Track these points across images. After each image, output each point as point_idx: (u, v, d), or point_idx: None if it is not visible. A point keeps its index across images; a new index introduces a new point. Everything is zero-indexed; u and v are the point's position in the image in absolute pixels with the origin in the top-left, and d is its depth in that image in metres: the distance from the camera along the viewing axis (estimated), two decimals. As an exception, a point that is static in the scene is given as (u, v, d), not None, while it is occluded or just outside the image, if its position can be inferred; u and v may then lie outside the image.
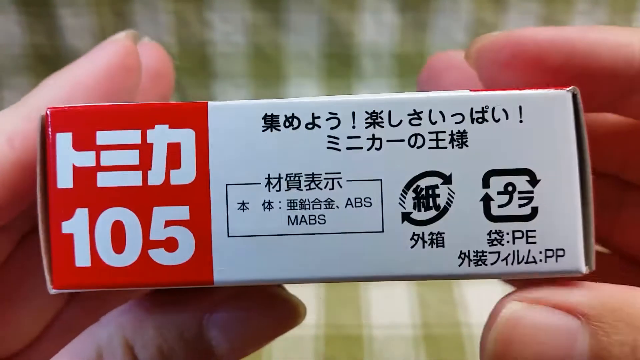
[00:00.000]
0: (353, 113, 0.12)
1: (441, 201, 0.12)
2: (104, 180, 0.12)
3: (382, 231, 0.12)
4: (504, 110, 0.12)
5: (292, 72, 0.36)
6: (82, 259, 0.12)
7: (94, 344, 0.13)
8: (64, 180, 0.12)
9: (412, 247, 0.12)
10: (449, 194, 0.12)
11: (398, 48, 0.35)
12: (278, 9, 0.34)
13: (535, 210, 0.12)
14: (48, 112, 0.12)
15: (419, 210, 0.12)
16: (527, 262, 0.12)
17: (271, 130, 0.12)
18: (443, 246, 0.12)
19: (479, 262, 0.12)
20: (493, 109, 0.12)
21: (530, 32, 0.14)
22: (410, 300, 0.31)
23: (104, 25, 0.34)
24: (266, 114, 0.12)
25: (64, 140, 0.12)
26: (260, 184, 0.12)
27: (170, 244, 0.12)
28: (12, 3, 0.33)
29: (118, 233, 0.12)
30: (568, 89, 0.12)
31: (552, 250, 0.12)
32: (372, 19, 0.34)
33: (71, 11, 0.33)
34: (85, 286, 0.12)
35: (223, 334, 0.14)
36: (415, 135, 0.12)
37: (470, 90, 0.12)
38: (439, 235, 0.12)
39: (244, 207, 0.12)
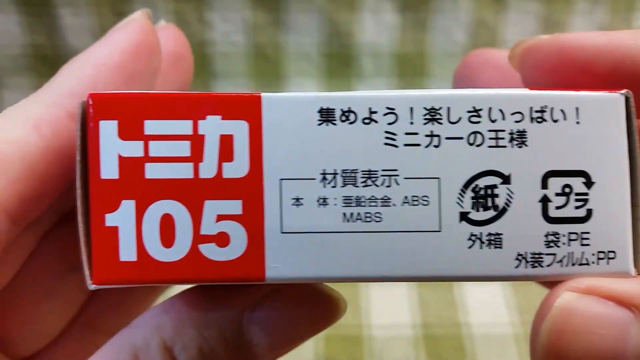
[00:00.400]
0: (411, 109, 0.12)
1: (500, 201, 0.12)
2: (152, 171, 0.12)
3: (439, 230, 0.12)
4: (561, 110, 0.12)
5: (292, 72, 0.35)
6: (127, 253, 0.12)
7: (130, 347, 0.13)
8: (109, 170, 0.12)
9: (469, 247, 0.12)
10: (507, 194, 0.12)
11: (398, 48, 0.35)
12: (278, 9, 0.34)
13: (589, 212, 0.12)
14: (90, 99, 0.12)
15: (478, 210, 0.12)
16: (580, 264, 0.12)
17: (327, 125, 0.12)
18: (501, 247, 0.12)
19: (535, 264, 0.12)
20: (552, 109, 0.12)
21: (578, 37, 0.14)
22: (410, 300, 0.31)
23: (104, 25, 0.34)
24: (322, 107, 0.12)
25: (108, 129, 0.12)
26: (315, 179, 0.12)
27: (222, 239, 0.12)
28: (12, 3, 0.33)
29: (167, 227, 0.12)
30: (621, 92, 0.12)
31: (604, 252, 0.12)
32: (372, 19, 0.34)
33: (71, 11, 0.33)
34: (129, 281, 0.12)
35: (264, 332, 0.13)
36: (475, 133, 0.12)
37: (530, 89, 0.12)
38: (497, 236, 0.12)
39: (298, 203, 0.12)
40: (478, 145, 0.12)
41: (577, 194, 0.12)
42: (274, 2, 0.34)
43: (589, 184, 0.12)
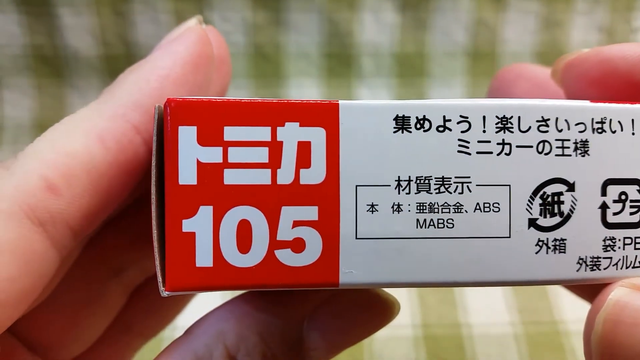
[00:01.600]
0: (484, 117, 0.12)
1: (565, 208, 0.12)
2: (231, 177, 0.12)
3: (509, 236, 0.12)
4: (619, 122, 0.13)
5: (292, 71, 0.35)
6: (204, 259, 0.12)
7: (192, 356, 0.13)
8: (187, 176, 0.12)
9: (536, 252, 0.12)
10: (572, 201, 0.12)
11: (398, 48, 0.35)
12: (278, 9, 0.34)
13: None
14: (168, 104, 0.12)
15: (545, 217, 0.12)
16: (634, 267, 0.13)
17: (402, 132, 0.12)
18: (564, 252, 0.12)
19: (594, 267, 0.13)
20: (610, 120, 0.13)
21: (620, 49, 0.15)
22: (410, 300, 0.32)
23: (104, 25, 0.33)
24: (397, 115, 0.12)
25: (187, 134, 0.12)
26: (390, 185, 0.12)
27: (298, 245, 0.12)
28: (12, 3, 0.32)
29: (244, 232, 0.12)
30: None
31: None
32: (372, 19, 0.34)
33: (71, 11, 0.32)
34: (205, 288, 0.12)
35: (322, 337, 0.14)
36: (543, 142, 0.12)
37: (591, 101, 0.13)
38: (561, 242, 0.12)
39: (373, 209, 0.12)
40: (546, 154, 0.12)
41: (632, 201, 0.13)
42: (274, 2, 0.34)
43: None
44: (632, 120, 0.13)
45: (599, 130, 0.13)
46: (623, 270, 0.13)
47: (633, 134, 0.13)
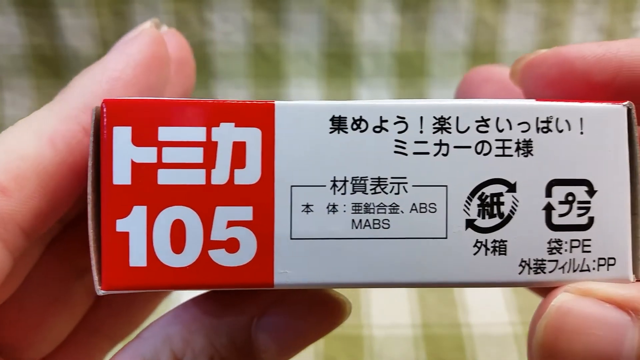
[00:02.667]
0: (421, 118, 0.12)
1: (505, 209, 0.12)
2: (165, 177, 0.12)
3: (446, 237, 0.12)
4: (566, 121, 0.12)
5: (292, 71, 0.35)
6: (138, 258, 0.12)
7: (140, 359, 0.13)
8: (121, 176, 0.12)
9: (474, 254, 0.12)
10: (513, 202, 0.12)
11: (398, 48, 0.35)
12: (278, 9, 0.34)
13: (591, 220, 0.12)
14: (104, 105, 0.12)
15: (483, 218, 0.12)
16: (581, 270, 0.12)
17: (338, 132, 0.12)
18: (505, 254, 0.12)
19: (538, 270, 0.12)
20: (557, 119, 0.12)
21: (577, 49, 0.14)
22: (410, 300, 0.31)
23: (104, 26, 0.34)
24: (334, 115, 0.12)
25: (122, 135, 0.12)
26: (325, 186, 0.12)
27: (232, 245, 0.12)
28: (12, 3, 0.33)
29: (178, 232, 0.12)
30: (624, 103, 0.12)
31: (604, 259, 0.12)
32: (372, 19, 0.34)
33: (71, 11, 0.33)
34: (139, 287, 0.12)
35: (272, 338, 0.14)
36: (483, 142, 0.12)
37: (536, 100, 0.12)
38: (501, 243, 0.12)
39: (308, 210, 0.12)
40: (485, 154, 0.12)
41: (579, 202, 0.12)
42: (274, 2, 0.34)
43: (591, 192, 0.12)
44: (581, 119, 0.12)
45: (544, 130, 0.12)
46: (570, 274, 0.12)
47: (582, 133, 0.12)
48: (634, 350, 0.12)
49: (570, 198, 0.12)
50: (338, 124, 0.12)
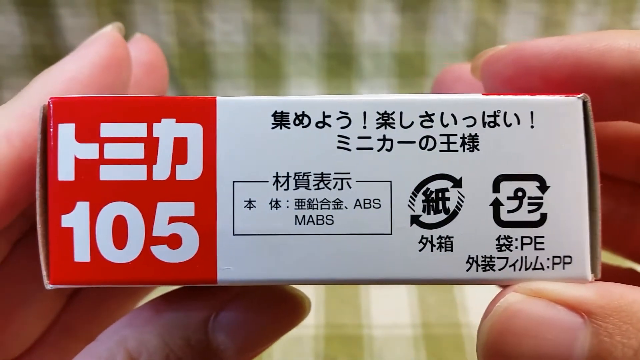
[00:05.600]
0: (364, 113, 0.12)
1: (451, 205, 0.12)
2: (106, 173, 0.12)
3: (391, 233, 0.12)
4: (515, 115, 0.12)
5: (292, 72, 0.35)
6: (82, 254, 0.12)
7: None
8: (65, 172, 0.12)
9: (420, 250, 0.12)
10: (458, 197, 0.12)
11: (398, 48, 0.35)
12: (278, 9, 0.34)
13: (544, 217, 0.12)
14: (50, 102, 0.12)
15: (428, 214, 0.12)
16: (534, 269, 0.12)
17: (281, 128, 0.12)
18: (452, 250, 0.12)
19: (487, 268, 0.12)
20: (505, 113, 0.12)
21: (535, 45, 0.14)
22: (410, 300, 0.32)
23: (104, 25, 0.34)
24: (276, 111, 0.12)
25: (66, 132, 0.12)
26: (268, 182, 0.12)
27: (174, 241, 0.12)
28: (12, 3, 0.33)
29: (120, 228, 0.12)
30: (579, 96, 0.12)
31: (559, 257, 0.12)
32: (372, 19, 0.34)
33: (71, 11, 0.33)
34: (83, 282, 0.12)
35: (229, 336, 0.13)
36: (427, 137, 0.12)
37: (482, 94, 0.12)
38: (447, 239, 0.12)
39: (251, 205, 0.12)
40: (430, 150, 0.12)
41: (530, 198, 0.12)
42: (274, 2, 0.34)
43: (543, 188, 0.12)
44: (532, 112, 0.12)
45: (491, 124, 0.12)
46: (523, 272, 0.12)
47: (532, 127, 0.12)
48: (584, 353, 0.11)
49: (519, 194, 0.12)
50: (280, 119, 0.12)
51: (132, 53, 0.15)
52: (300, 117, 0.12)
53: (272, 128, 0.12)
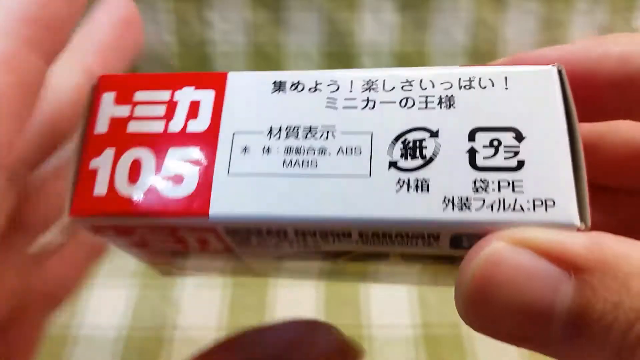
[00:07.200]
0: (351, 81, 0.14)
1: (428, 152, 0.13)
2: (132, 127, 0.14)
3: (370, 175, 0.13)
4: (490, 79, 0.13)
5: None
6: (100, 188, 0.14)
7: None
8: (101, 127, 0.14)
9: (397, 191, 0.13)
10: (435, 146, 0.13)
11: (398, 47, 0.35)
12: (278, 8, 0.34)
13: (521, 163, 0.12)
14: (99, 79, 0.15)
15: (406, 159, 0.13)
16: (514, 210, 0.12)
17: (279, 92, 0.14)
18: (428, 191, 0.12)
19: (463, 207, 0.12)
20: (480, 79, 0.13)
21: (533, 56, 0.15)
22: (410, 300, 0.31)
23: None
24: (275, 80, 0.14)
25: (108, 97, 0.15)
26: (262, 132, 0.14)
27: (177, 179, 0.13)
28: None
29: (135, 168, 0.14)
30: (553, 64, 0.13)
31: (540, 200, 0.12)
32: (372, 18, 0.35)
33: None
34: (98, 213, 0.13)
35: None
36: (407, 98, 0.13)
37: (459, 66, 0.14)
38: (424, 181, 0.13)
39: (246, 151, 0.13)
40: (409, 107, 0.13)
41: (506, 147, 0.13)
42: (274, 1, 0.34)
43: (519, 138, 0.13)
44: (505, 77, 0.13)
45: (466, 87, 0.13)
46: (500, 213, 0.12)
47: (506, 88, 0.13)
48: (565, 305, 0.11)
49: (495, 143, 0.13)
50: (279, 86, 0.14)
51: (109, 10, 0.17)
52: (296, 84, 0.14)
53: (272, 92, 0.14)
